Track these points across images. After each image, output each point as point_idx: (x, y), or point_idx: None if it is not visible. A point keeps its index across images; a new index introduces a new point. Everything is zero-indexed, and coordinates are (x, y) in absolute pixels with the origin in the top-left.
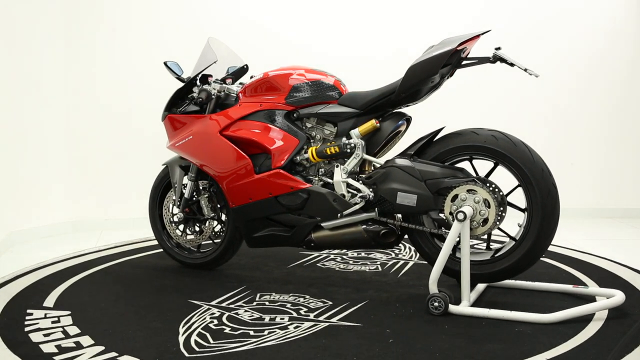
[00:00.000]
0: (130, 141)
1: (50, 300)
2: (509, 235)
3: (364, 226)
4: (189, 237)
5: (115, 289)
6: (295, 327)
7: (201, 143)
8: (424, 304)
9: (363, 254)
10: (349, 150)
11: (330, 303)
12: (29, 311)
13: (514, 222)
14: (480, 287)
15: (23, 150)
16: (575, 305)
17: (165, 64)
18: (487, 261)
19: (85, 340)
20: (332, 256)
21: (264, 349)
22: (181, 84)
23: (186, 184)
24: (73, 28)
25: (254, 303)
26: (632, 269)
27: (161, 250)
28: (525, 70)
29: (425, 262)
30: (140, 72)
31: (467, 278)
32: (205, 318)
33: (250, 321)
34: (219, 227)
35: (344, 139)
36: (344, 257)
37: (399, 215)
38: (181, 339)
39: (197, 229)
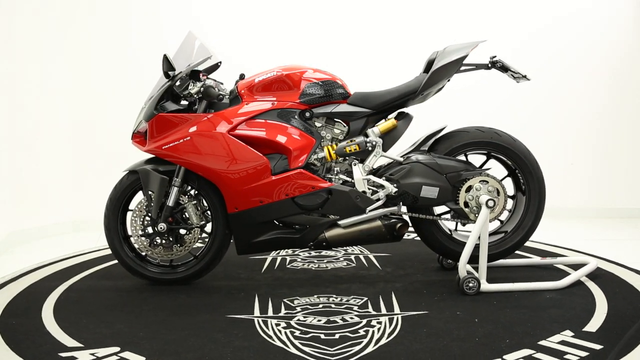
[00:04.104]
0: (130, 141)
1: (52, 326)
2: (500, 221)
3: (384, 221)
4: (167, 250)
5: (124, 313)
6: (378, 323)
7: (203, 144)
8: (452, 286)
9: (314, 253)
10: (370, 149)
11: (366, 298)
12: (63, 355)
13: None
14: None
15: (23, 150)
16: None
17: (165, 56)
18: (494, 242)
19: None
20: (288, 259)
21: (391, 345)
22: (165, 80)
23: (168, 191)
24: (74, 29)
25: (298, 309)
26: (632, 269)
27: None
28: (525, 76)
29: (387, 254)
30: (141, 72)
31: (485, 259)
32: (279, 330)
33: (327, 325)
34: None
35: (363, 138)
36: (302, 257)
37: (404, 208)
38: (294, 351)
39: (166, 240)
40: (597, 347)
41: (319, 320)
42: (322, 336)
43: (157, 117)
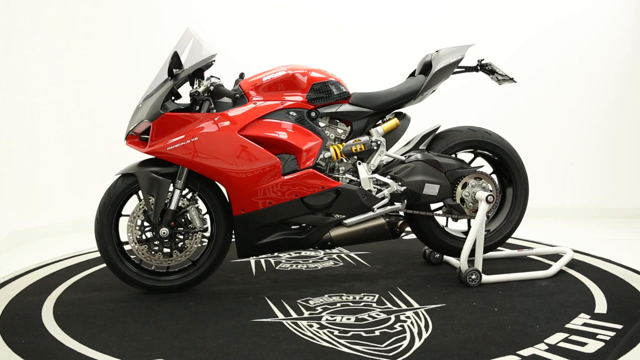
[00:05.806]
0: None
1: (71, 342)
2: (487, 216)
3: (386, 219)
4: (166, 256)
5: (141, 324)
6: (407, 317)
7: (213, 144)
8: (450, 279)
9: (294, 254)
10: (375, 148)
11: (377, 295)
12: None
13: None
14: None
15: (23, 150)
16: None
17: (176, 53)
18: (485, 235)
19: None
20: (273, 260)
21: (437, 338)
22: (164, 78)
23: (170, 195)
24: (74, 28)
25: (319, 309)
26: (632, 269)
27: None
28: (512, 79)
29: (367, 252)
30: (141, 72)
31: (481, 252)
32: (315, 331)
33: (359, 323)
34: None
35: (368, 137)
36: (286, 259)
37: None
38: (346, 350)
39: (166, 246)
40: (618, 326)
41: (348, 319)
42: (363, 334)
43: (163, 116)
